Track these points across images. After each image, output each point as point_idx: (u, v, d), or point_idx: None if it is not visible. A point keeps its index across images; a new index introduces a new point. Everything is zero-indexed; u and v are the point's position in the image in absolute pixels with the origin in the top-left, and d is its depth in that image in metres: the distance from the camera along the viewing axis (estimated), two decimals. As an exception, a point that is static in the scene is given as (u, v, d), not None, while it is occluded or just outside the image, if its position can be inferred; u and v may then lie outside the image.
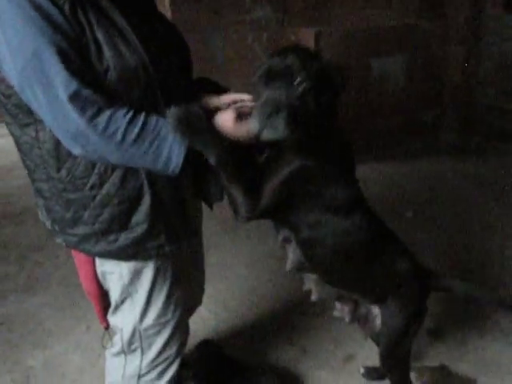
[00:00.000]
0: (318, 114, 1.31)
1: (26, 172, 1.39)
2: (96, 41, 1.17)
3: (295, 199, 1.46)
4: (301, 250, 1.60)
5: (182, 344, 1.66)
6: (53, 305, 2.65)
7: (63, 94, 1.13)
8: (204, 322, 2.45)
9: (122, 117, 1.18)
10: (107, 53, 1.18)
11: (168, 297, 1.50)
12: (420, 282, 1.74)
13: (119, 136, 1.18)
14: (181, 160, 1.23)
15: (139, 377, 1.57)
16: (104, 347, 1.66)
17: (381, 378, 2.07)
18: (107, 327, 1.63)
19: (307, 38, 4.14)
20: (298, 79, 1.25)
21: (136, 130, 1.19)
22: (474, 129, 4.93)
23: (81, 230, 1.34)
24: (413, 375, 2.12)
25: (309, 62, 1.29)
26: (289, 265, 1.69)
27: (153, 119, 1.22)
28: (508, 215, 3.49)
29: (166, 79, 1.31)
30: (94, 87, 1.16)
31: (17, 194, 3.99)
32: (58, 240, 1.42)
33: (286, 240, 1.64)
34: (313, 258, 1.60)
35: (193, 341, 2.06)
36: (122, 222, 1.33)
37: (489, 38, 4.66)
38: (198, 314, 2.27)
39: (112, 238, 1.34)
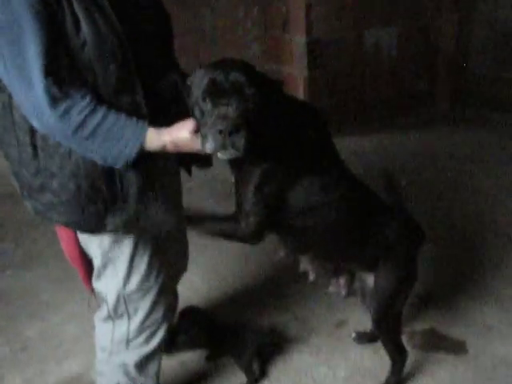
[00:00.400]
0: (271, 124, 1.32)
1: None
2: (74, 15, 1.17)
3: (280, 203, 1.47)
4: (296, 240, 1.64)
5: (170, 309, 1.68)
6: (48, 278, 2.68)
7: (35, 69, 1.13)
8: (196, 290, 2.49)
9: (82, 108, 1.19)
10: (85, 28, 1.18)
11: (150, 263, 1.51)
12: (409, 245, 1.76)
13: (73, 127, 1.19)
14: (130, 159, 1.25)
15: (127, 341, 1.59)
16: (90, 310, 1.68)
17: (372, 341, 2.11)
18: (93, 291, 1.64)
19: (298, 10, 4.10)
20: (249, 95, 1.24)
21: (91, 126, 1.20)
22: (467, 98, 4.91)
23: (48, 197, 1.33)
24: (404, 338, 2.15)
25: (253, 76, 1.28)
26: (282, 252, 1.74)
27: (111, 117, 1.23)
28: (498, 182, 3.52)
29: (142, 54, 1.30)
30: (68, 65, 1.18)
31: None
32: (27, 205, 1.41)
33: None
34: (306, 242, 1.64)
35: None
36: (89, 194, 1.32)
37: (482, 5, 4.61)
38: (190, 282, 2.31)
39: (79, 209, 1.33)
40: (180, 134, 1.28)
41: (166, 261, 1.59)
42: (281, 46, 4.41)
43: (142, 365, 1.64)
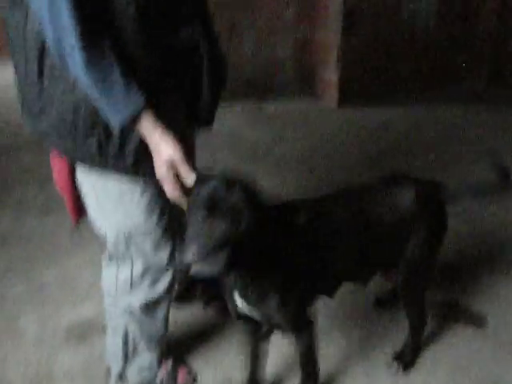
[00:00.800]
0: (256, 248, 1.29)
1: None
2: None
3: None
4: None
5: (174, 257, 1.58)
6: (68, 225, 2.67)
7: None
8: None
9: (105, 49, 1.14)
10: None
11: (151, 202, 1.43)
12: (429, 206, 1.71)
13: (87, 60, 1.12)
14: (124, 122, 1.19)
15: (131, 285, 1.56)
16: (73, 243, 1.64)
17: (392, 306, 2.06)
18: (77, 223, 1.60)
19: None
20: (245, 219, 1.19)
21: (103, 68, 1.14)
22: (504, 79, 4.73)
23: (46, 123, 1.29)
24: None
25: (253, 200, 1.23)
26: None
27: (118, 71, 1.16)
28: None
29: None
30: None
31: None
32: (26, 125, 1.37)
33: None
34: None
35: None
36: (86, 131, 1.26)
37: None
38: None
39: (73, 143, 1.28)
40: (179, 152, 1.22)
41: (169, 205, 1.49)
42: (316, 10, 4.30)
43: (148, 309, 1.61)
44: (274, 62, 4.63)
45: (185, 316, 2.08)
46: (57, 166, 1.47)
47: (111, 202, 1.42)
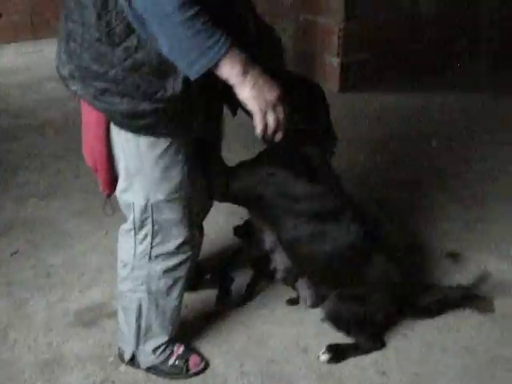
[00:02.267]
0: None
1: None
2: None
3: (273, 202, 1.68)
4: (286, 253, 1.79)
5: (193, 233, 1.67)
6: (72, 210, 2.67)
7: None
8: (220, 229, 2.47)
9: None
10: None
11: (182, 173, 1.50)
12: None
13: (181, 2, 1.12)
14: (210, 64, 1.19)
15: (150, 256, 1.58)
16: (105, 214, 1.69)
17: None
18: (109, 194, 1.61)
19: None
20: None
21: (194, 11, 1.14)
22: (506, 65, 4.72)
23: (102, 85, 1.30)
24: (430, 294, 2.13)
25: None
26: (279, 274, 1.90)
27: (206, 17, 1.16)
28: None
29: None
30: None
31: (38, 108, 3.96)
32: (73, 87, 1.37)
33: (272, 250, 1.84)
34: (299, 261, 1.78)
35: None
36: (145, 92, 1.29)
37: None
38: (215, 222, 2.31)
39: (130, 103, 1.30)
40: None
41: (195, 180, 1.58)
42: (317, -5, 4.25)
43: (165, 283, 1.63)
44: (275, 47, 4.58)
45: (196, 301, 2.08)
46: (93, 133, 1.47)
47: (152, 165, 1.46)
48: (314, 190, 1.68)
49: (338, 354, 1.84)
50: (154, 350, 1.73)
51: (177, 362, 1.75)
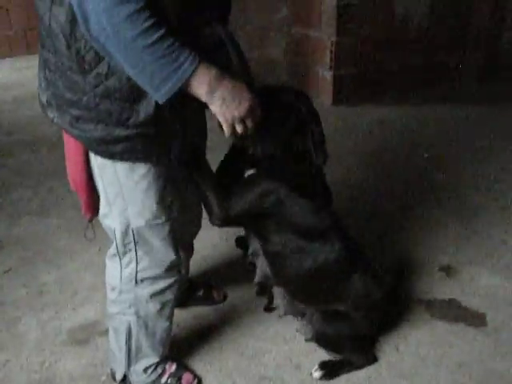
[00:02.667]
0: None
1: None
2: None
3: (267, 217, 1.64)
4: (268, 262, 1.78)
5: (180, 257, 1.63)
6: (65, 227, 2.67)
7: None
8: (214, 247, 2.47)
9: (150, 15, 1.11)
10: None
11: (163, 198, 1.47)
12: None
13: (138, 31, 1.11)
14: (173, 90, 1.19)
15: (136, 280, 1.57)
16: (86, 239, 1.67)
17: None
18: (91, 219, 1.61)
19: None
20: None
21: (155, 36, 1.13)
22: (498, 76, 4.77)
23: (77, 112, 1.30)
24: (423, 308, 2.14)
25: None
26: (256, 278, 1.86)
27: (170, 37, 1.16)
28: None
29: None
30: None
31: (32, 124, 3.98)
32: (51, 115, 1.37)
33: (255, 254, 1.81)
34: (279, 272, 1.77)
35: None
36: (118, 117, 1.28)
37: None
38: (209, 238, 2.29)
39: (104, 129, 1.30)
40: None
41: (180, 202, 1.56)
42: (310, 9, 4.29)
43: (153, 304, 1.62)
44: (267, 61, 4.62)
45: (188, 318, 2.08)
46: (73, 159, 1.47)
47: (131, 190, 1.44)
48: (310, 206, 1.67)
49: (330, 370, 1.83)
50: (145, 370, 1.72)
51: (169, 381, 1.75)
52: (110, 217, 1.51)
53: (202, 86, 1.23)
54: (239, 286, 2.18)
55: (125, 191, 1.44)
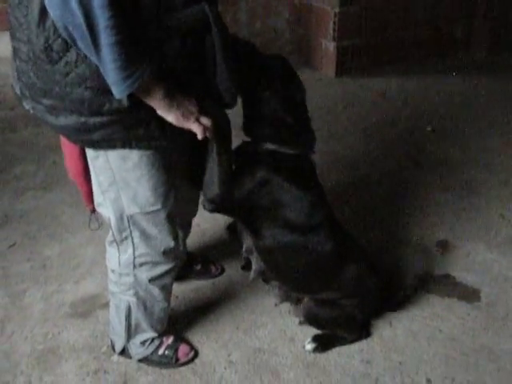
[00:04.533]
0: None
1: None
2: None
3: (259, 208, 1.63)
4: (261, 258, 1.78)
5: (178, 242, 1.63)
6: (68, 202, 2.71)
7: None
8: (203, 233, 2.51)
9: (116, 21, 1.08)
10: None
11: (157, 185, 1.46)
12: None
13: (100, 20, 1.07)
14: (125, 93, 1.17)
15: (134, 265, 1.59)
16: (91, 229, 1.69)
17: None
18: (93, 210, 1.62)
19: None
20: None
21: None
22: (506, 46, 4.68)
23: (50, 101, 1.27)
24: (417, 282, 2.17)
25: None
26: (251, 275, 1.87)
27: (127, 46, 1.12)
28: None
29: None
30: None
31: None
32: (27, 106, 1.35)
33: (249, 251, 1.81)
34: (273, 267, 1.78)
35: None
36: (92, 105, 1.25)
37: None
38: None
39: (79, 118, 1.27)
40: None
41: (176, 188, 1.55)
42: (314, -22, 4.21)
43: (151, 288, 1.66)
44: (270, 32, 4.56)
45: (186, 291, 2.13)
46: (68, 150, 1.49)
47: (124, 178, 1.43)
48: (306, 198, 1.66)
49: (323, 343, 1.89)
50: (143, 343, 1.78)
51: (166, 352, 1.81)
52: (105, 205, 1.51)
53: (149, 100, 1.24)
54: (237, 260, 2.22)
55: (118, 180, 1.43)
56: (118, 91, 1.16)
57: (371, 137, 3.39)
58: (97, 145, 1.35)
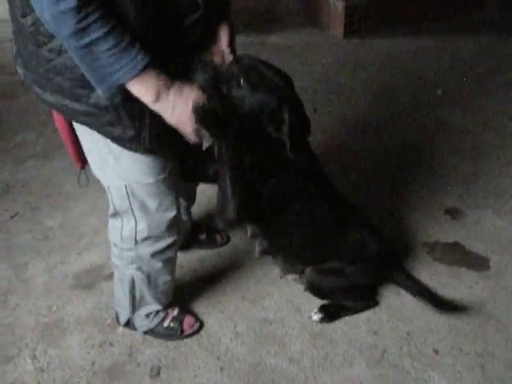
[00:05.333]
0: None
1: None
2: None
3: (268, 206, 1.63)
4: (267, 242, 1.80)
5: (179, 215, 1.61)
6: (70, 170, 2.66)
7: None
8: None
9: (86, 15, 1.04)
10: None
11: (152, 162, 1.41)
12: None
13: (71, 31, 1.04)
14: (110, 91, 1.14)
15: (136, 240, 1.56)
16: (80, 186, 1.65)
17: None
18: (83, 167, 1.58)
19: None
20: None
21: (86, 40, 1.06)
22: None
23: (36, 77, 1.26)
24: (425, 251, 2.13)
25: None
26: (256, 253, 1.88)
27: (113, 37, 1.08)
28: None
29: None
30: None
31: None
32: (19, 71, 1.33)
33: (254, 235, 1.82)
34: (278, 247, 1.80)
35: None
36: (71, 94, 1.23)
37: None
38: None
39: (60, 100, 1.25)
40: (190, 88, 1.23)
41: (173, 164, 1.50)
42: None
43: (154, 261, 1.63)
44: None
45: (191, 261, 2.11)
46: (56, 116, 1.43)
47: (114, 157, 1.38)
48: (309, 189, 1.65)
49: (330, 313, 1.87)
50: (148, 315, 1.77)
51: (171, 324, 1.80)
52: (103, 177, 1.48)
53: (146, 94, 1.18)
54: (242, 229, 2.18)
55: (114, 153, 1.37)
56: (104, 88, 1.15)
57: (380, 99, 3.29)
58: (82, 123, 1.32)
